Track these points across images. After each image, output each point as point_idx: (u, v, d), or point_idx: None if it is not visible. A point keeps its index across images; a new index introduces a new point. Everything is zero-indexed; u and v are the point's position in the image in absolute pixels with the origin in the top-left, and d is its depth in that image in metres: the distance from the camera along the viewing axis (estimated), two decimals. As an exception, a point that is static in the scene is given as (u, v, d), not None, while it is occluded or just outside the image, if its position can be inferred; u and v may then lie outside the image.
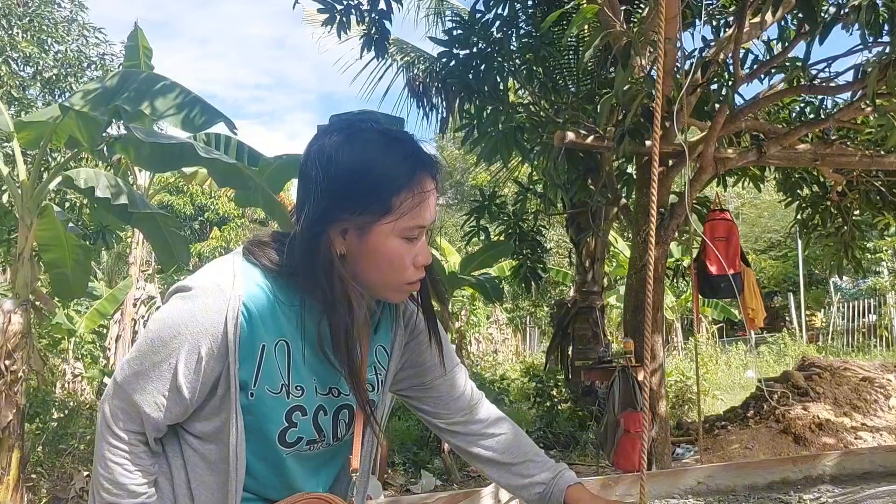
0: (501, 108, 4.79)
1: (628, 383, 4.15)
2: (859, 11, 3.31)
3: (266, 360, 1.02)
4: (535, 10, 4.99)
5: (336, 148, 1.04)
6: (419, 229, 1.04)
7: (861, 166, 4.75)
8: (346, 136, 1.05)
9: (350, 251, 1.03)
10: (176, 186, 16.76)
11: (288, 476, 1.09)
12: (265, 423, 1.04)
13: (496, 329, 17.59)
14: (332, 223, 1.01)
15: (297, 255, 1.02)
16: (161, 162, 5.11)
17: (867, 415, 6.49)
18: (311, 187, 1.03)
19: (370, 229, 1.01)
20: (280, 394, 1.03)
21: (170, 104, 4.09)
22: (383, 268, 1.03)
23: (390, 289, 1.07)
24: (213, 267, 1.06)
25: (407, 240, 1.03)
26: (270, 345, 1.02)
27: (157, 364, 1.01)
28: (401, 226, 1.01)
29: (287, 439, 1.06)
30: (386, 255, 1.02)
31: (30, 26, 10.31)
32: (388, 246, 1.02)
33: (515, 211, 5.80)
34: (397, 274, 1.04)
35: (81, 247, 5.66)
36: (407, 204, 1.01)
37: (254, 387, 1.02)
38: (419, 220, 1.02)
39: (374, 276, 1.04)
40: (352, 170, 1.01)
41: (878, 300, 14.47)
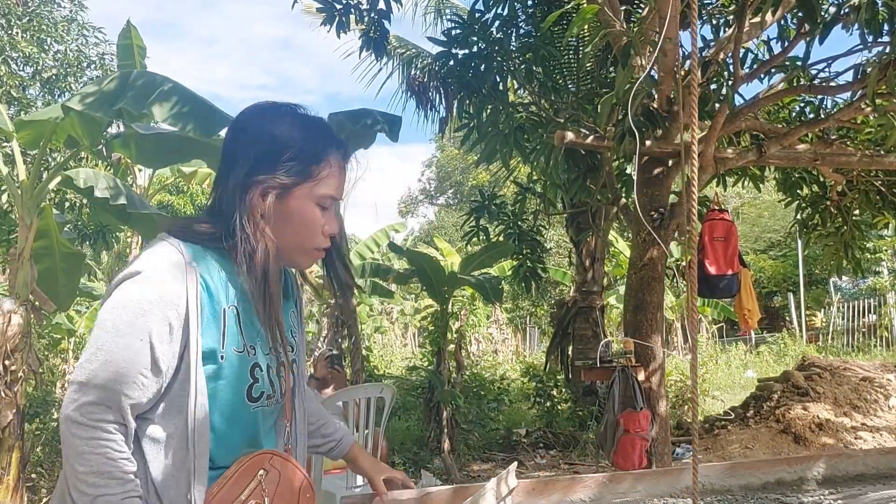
0: (501, 108, 4.79)
1: (628, 383, 4.14)
2: (859, 11, 3.31)
3: (228, 323, 1.11)
4: (535, 9, 4.99)
5: (264, 120, 1.19)
6: (331, 200, 1.18)
7: (861, 166, 4.74)
8: (273, 113, 1.20)
9: (269, 213, 1.13)
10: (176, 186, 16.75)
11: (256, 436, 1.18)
12: (235, 381, 1.11)
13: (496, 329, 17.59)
14: (256, 185, 1.13)
15: (223, 213, 1.13)
16: (160, 157, 5.11)
17: (867, 415, 6.49)
18: (236, 155, 1.16)
19: (290, 192, 1.14)
20: (243, 352, 1.13)
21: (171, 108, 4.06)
22: (298, 229, 1.16)
23: (301, 252, 1.19)
24: (156, 250, 1.11)
25: (321, 207, 1.17)
26: (228, 309, 1.12)
27: (129, 346, 1.02)
28: (317, 192, 1.16)
29: (253, 394, 1.14)
30: (301, 217, 1.15)
31: (29, 26, 10.31)
32: (304, 209, 1.15)
33: (515, 211, 5.80)
34: (309, 237, 1.17)
35: (72, 254, 5.61)
36: (324, 174, 1.16)
37: (223, 349, 1.10)
38: (332, 190, 1.17)
39: (288, 236, 1.16)
40: (279, 138, 1.15)
41: (878, 300, 14.47)
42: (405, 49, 7.65)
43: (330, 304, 7.30)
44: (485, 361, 11.94)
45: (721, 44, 4.26)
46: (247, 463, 1.12)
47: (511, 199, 6.56)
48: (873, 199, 5.21)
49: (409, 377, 9.23)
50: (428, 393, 7.07)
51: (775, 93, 4.54)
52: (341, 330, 6.60)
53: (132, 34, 6.67)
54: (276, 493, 1.13)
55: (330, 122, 5.74)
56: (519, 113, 4.97)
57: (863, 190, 5.21)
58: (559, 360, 7.57)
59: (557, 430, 7.41)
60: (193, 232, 1.14)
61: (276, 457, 1.16)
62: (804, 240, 6.11)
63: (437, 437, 6.84)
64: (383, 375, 10.26)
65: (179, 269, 1.07)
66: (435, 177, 30.94)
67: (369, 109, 5.34)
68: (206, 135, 4.10)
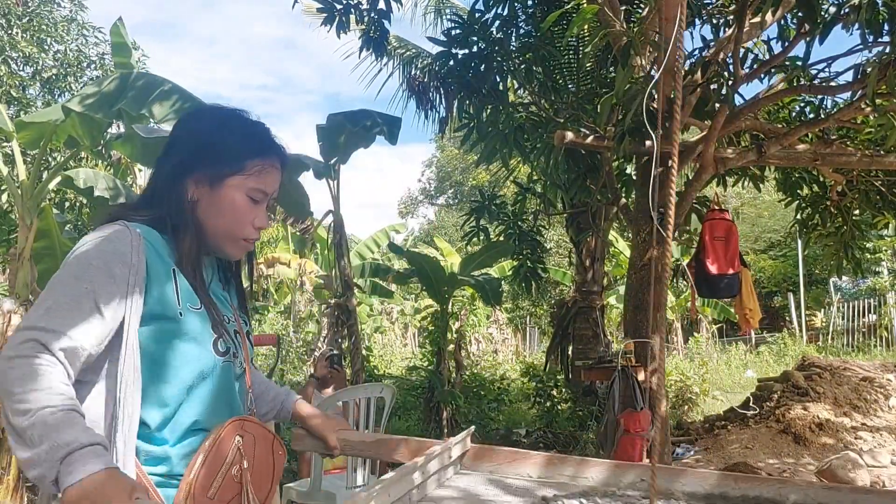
0: (501, 108, 4.79)
1: (628, 383, 4.14)
2: (859, 11, 3.31)
3: (180, 283, 1.16)
4: (535, 9, 4.99)
5: (205, 116, 1.29)
6: (262, 194, 1.24)
7: (861, 166, 4.74)
8: (217, 113, 1.28)
9: (202, 199, 1.21)
10: (176, 186, 16.74)
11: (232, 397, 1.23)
12: (199, 335, 1.16)
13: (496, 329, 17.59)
14: (191, 172, 1.20)
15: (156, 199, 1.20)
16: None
17: (867, 415, 6.49)
18: (176, 145, 1.24)
19: (223, 182, 1.20)
20: (200, 309, 1.18)
21: (170, 109, 4.08)
22: (227, 217, 1.21)
23: (230, 240, 1.24)
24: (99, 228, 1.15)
25: (252, 200, 1.23)
26: (177, 269, 1.17)
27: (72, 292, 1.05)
28: (248, 184, 1.22)
29: (219, 348, 1.20)
30: (231, 206, 1.21)
31: (29, 26, 10.31)
32: (235, 199, 1.21)
33: (515, 211, 5.80)
34: (239, 226, 1.23)
35: None
36: (257, 169, 1.22)
37: (179, 306, 1.14)
38: (263, 185, 1.23)
39: (218, 223, 1.22)
40: (218, 131, 1.23)
41: (878, 300, 14.47)
42: (405, 49, 7.64)
43: (330, 304, 7.30)
44: (485, 361, 11.95)
45: (721, 44, 4.26)
46: (224, 431, 1.17)
47: (511, 199, 6.56)
48: (873, 199, 5.21)
49: (409, 377, 9.23)
50: (428, 393, 7.07)
51: (775, 93, 4.54)
52: (341, 330, 6.60)
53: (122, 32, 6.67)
54: (254, 455, 1.21)
55: (329, 123, 5.76)
56: (519, 113, 4.97)
57: (863, 190, 5.21)
58: (559, 360, 7.56)
59: (557, 430, 7.41)
60: (130, 216, 1.19)
61: (248, 421, 1.22)
62: (804, 240, 6.11)
63: (437, 437, 6.83)
64: (383, 375, 10.26)
65: (124, 235, 1.12)
66: (435, 177, 30.94)
67: (369, 111, 5.34)
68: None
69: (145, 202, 1.23)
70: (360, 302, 11.65)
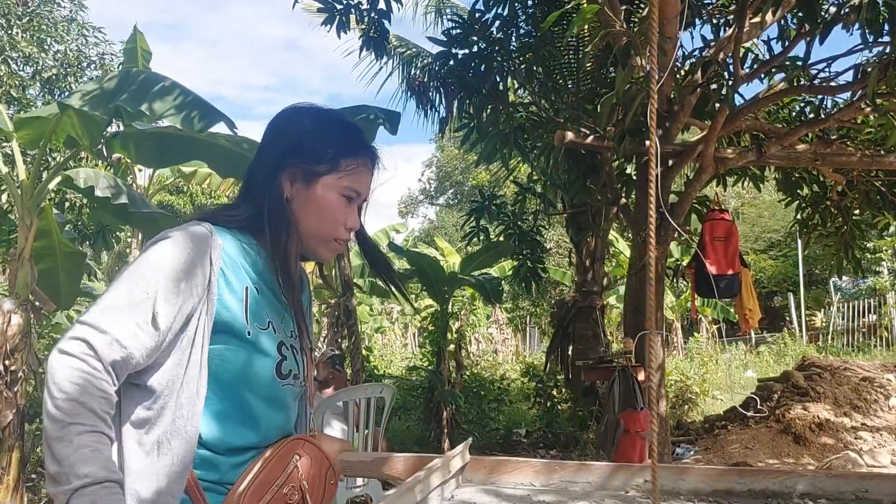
0: (501, 108, 4.79)
1: (628, 383, 4.14)
2: (859, 10, 3.30)
3: (251, 300, 1.14)
4: (535, 9, 4.99)
5: (300, 114, 1.26)
6: (356, 194, 1.22)
7: (861, 166, 4.74)
8: (310, 111, 1.26)
9: (295, 197, 1.19)
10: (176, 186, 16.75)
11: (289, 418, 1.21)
12: (264, 357, 1.13)
13: (496, 329, 17.59)
14: (286, 168, 1.18)
15: (253, 197, 1.19)
16: (160, 157, 5.11)
17: (867, 415, 6.49)
18: (272, 141, 1.22)
19: (317, 179, 1.19)
20: (268, 329, 1.15)
21: (170, 104, 4.08)
22: (321, 217, 1.20)
23: (322, 240, 1.22)
24: (186, 226, 1.13)
25: (346, 199, 1.21)
26: (252, 286, 1.15)
27: (132, 296, 1.03)
28: (342, 184, 1.20)
29: (282, 371, 1.17)
30: (325, 205, 1.19)
31: (29, 26, 10.31)
32: (328, 197, 1.19)
33: (515, 211, 5.79)
34: (331, 226, 1.21)
35: (73, 254, 5.59)
36: (351, 168, 1.20)
37: (248, 325, 1.12)
38: (357, 185, 1.22)
39: (311, 223, 1.20)
40: (313, 129, 1.22)
41: (878, 300, 14.47)
42: (405, 49, 7.64)
43: (330, 304, 7.30)
44: (485, 361, 11.94)
45: (721, 44, 4.26)
46: (283, 448, 1.15)
47: (511, 199, 6.56)
48: (873, 199, 5.21)
49: (409, 377, 9.23)
50: (428, 393, 7.07)
51: (775, 93, 4.54)
52: (341, 330, 6.60)
53: (138, 39, 6.71)
54: (308, 478, 1.18)
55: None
56: (519, 113, 4.97)
57: (863, 190, 5.21)
58: (559, 360, 7.55)
59: (557, 430, 7.41)
60: (221, 216, 1.18)
61: (308, 442, 1.21)
62: (804, 240, 6.11)
63: (437, 437, 6.84)
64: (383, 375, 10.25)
65: (204, 241, 1.10)
66: (435, 177, 30.94)
67: (368, 105, 5.37)
68: (199, 130, 4.10)
69: (242, 199, 1.22)
70: (360, 302, 11.65)
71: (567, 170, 5.26)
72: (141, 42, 6.75)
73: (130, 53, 6.80)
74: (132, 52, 6.76)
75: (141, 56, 6.74)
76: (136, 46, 6.75)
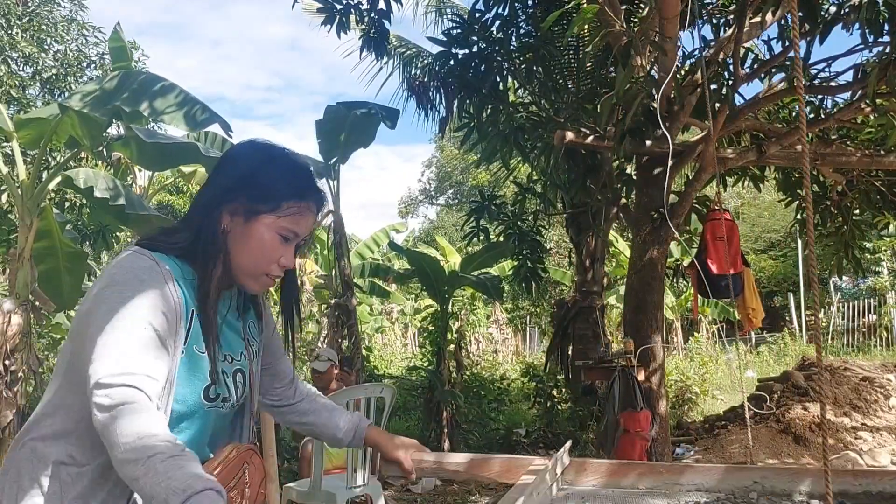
0: (501, 108, 4.78)
1: (628, 383, 4.14)
2: (860, 10, 3.30)
3: (194, 324, 1.18)
4: (535, 9, 4.98)
5: (252, 150, 1.29)
6: (294, 234, 1.24)
7: (861, 166, 4.74)
8: (263, 149, 1.29)
9: (233, 230, 1.22)
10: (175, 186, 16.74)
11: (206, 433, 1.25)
12: (194, 379, 1.18)
13: (496, 329, 17.59)
14: (228, 203, 1.21)
15: (192, 224, 1.22)
16: (161, 160, 5.12)
17: (867, 415, 6.49)
18: (220, 173, 1.26)
19: (256, 217, 1.21)
20: (204, 354, 1.19)
21: (168, 104, 4.09)
22: (254, 253, 1.22)
23: (253, 275, 1.25)
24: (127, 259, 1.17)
25: (282, 238, 1.23)
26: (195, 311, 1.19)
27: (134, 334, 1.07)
28: (280, 224, 1.22)
29: (210, 395, 1.21)
30: (260, 242, 1.22)
31: (29, 26, 10.31)
32: (264, 235, 1.22)
33: (515, 211, 5.79)
34: (264, 262, 1.23)
35: (74, 254, 5.59)
36: (291, 210, 1.23)
37: (184, 345, 1.16)
38: (296, 226, 1.24)
39: (244, 257, 1.22)
40: (261, 166, 1.25)
41: (878, 300, 14.47)
42: (405, 49, 7.64)
43: (330, 304, 7.30)
44: (485, 361, 11.94)
45: (721, 44, 4.26)
46: (236, 456, 1.22)
47: (511, 199, 6.56)
48: (873, 199, 5.21)
49: (409, 377, 9.23)
50: (428, 393, 7.07)
51: (775, 93, 4.54)
52: (341, 330, 6.60)
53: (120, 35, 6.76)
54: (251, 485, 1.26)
55: (328, 116, 5.75)
56: (519, 113, 4.97)
57: (863, 190, 5.20)
58: (559, 360, 7.54)
59: (557, 430, 7.41)
60: (159, 242, 1.21)
61: (255, 454, 1.28)
62: (804, 240, 6.11)
63: (437, 437, 6.84)
64: (383, 375, 10.25)
65: (154, 272, 1.14)
66: (435, 177, 30.93)
67: (367, 101, 5.38)
68: (196, 130, 4.13)
69: (183, 225, 1.25)
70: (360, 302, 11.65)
71: (567, 170, 5.26)
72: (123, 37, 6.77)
73: (118, 52, 6.80)
74: (120, 49, 6.76)
75: (128, 51, 6.76)
76: (123, 45, 6.78)
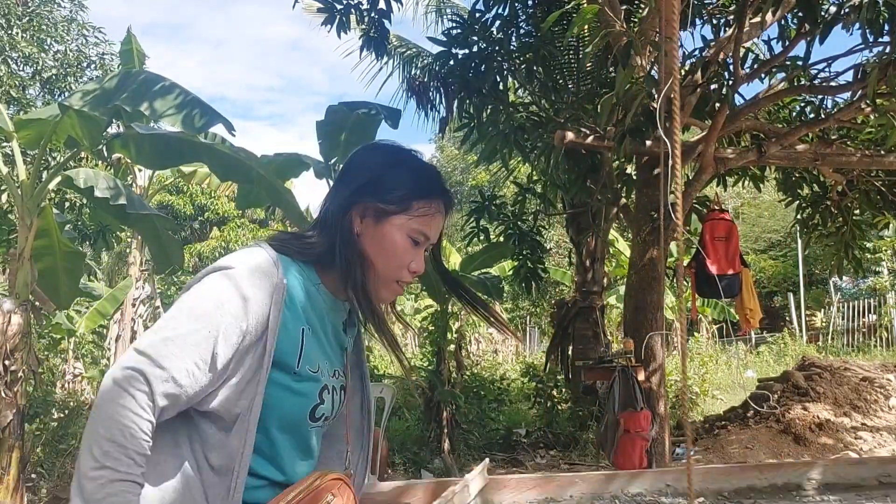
0: (501, 108, 4.78)
1: (628, 383, 4.14)
2: (860, 10, 3.31)
3: (306, 343, 1.13)
4: (535, 9, 4.99)
5: (381, 151, 1.27)
6: (424, 237, 1.20)
7: (861, 166, 4.74)
8: (391, 150, 1.27)
9: (364, 233, 1.18)
10: (176, 186, 16.75)
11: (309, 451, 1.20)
12: (304, 400, 1.14)
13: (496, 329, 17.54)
14: (358, 203, 1.18)
15: (326, 229, 1.18)
16: (161, 158, 5.10)
17: (867, 415, 6.49)
18: (347, 177, 1.22)
19: (386, 218, 1.17)
20: (318, 373, 1.15)
21: (169, 104, 4.08)
22: (387, 255, 1.18)
23: (384, 281, 1.20)
24: (251, 253, 1.13)
25: (413, 242, 1.19)
26: (307, 328, 1.14)
27: (195, 332, 1.02)
28: (411, 225, 1.18)
29: (315, 415, 1.16)
30: (391, 244, 1.18)
31: (29, 26, 10.31)
32: (395, 237, 1.18)
33: (515, 211, 5.79)
34: (395, 267, 1.19)
35: (73, 254, 5.58)
36: (422, 210, 1.19)
37: (297, 367, 1.12)
38: (426, 228, 1.20)
39: (377, 262, 1.18)
40: (390, 168, 1.21)
41: (878, 300, 14.47)
42: (406, 49, 7.64)
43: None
44: (485, 361, 11.94)
45: (721, 44, 4.26)
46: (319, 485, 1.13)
47: (511, 199, 6.56)
48: (874, 199, 5.21)
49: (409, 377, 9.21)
50: (428, 393, 7.07)
51: (775, 93, 4.54)
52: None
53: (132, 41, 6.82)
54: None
55: (328, 116, 5.75)
56: (519, 113, 4.97)
57: (863, 190, 5.20)
58: (559, 360, 7.55)
59: (557, 431, 7.40)
60: (294, 246, 1.18)
61: (344, 484, 1.17)
62: (804, 240, 6.12)
63: (437, 437, 6.84)
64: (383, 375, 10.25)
65: (270, 278, 1.09)
66: (435, 177, 30.88)
67: (369, 101, 5.39)
68: (198, 130, 4.11)
69: (316, 228, 1.21)
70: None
71: (567, 170, 5.26)
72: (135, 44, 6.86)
73: (127, 55, 6.88)
74: (128, 53, 6.83)
75: (136, 58, 6.82)
76: (131, 48, 6.84)
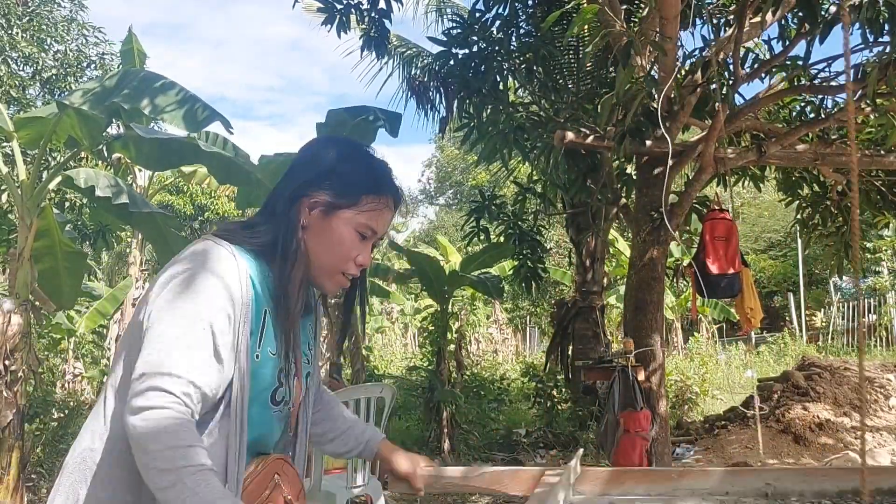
0: (501, 108, 4.78)
1: (628, 383, 4.14)
2: (860, 10, 3.31)
3: (266, 325, 1.15)
4: (536, 9, 4.99)
5: (331, 145, 1.28)
6: (371, 232, 1.22)
7: (861, 166, 4.74)
8: (342, 143, 1.28)
9: (311, 225, 1.19)
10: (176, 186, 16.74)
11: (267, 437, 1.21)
12: (264, 382, 1.15)
13: (496, 329, 17.60)
14: (308, 196, 1.19)
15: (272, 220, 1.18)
16: (161, 160, 5.11)
17: (867, 415, 6.49)
18: (299, 167, 1.24)
19: (335, 212, 1.19)
20: (276, 356, 1.16)
21: (168, 102, 4.09)
22: (332, 249, 1.20)
23: (328, 273, 1.22)
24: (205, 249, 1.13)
25: (359, 235, 1.21)
26: (268, 312, 1.16)
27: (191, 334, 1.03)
28: (358, 220, 1.20)
29: (276, 398, 1.18)
30: (339, 238, 1.20)
31: (29, 26, 10.31)
32: (343, 231, 1.20)
33: (515, 211, 5.79)
34: (340, 260, 1.21)
35: (74, 254, 5.57)
36: (371, 205, 1.21)
37: (258, 349, 1.13)
38: (374, 223, 1.22)
39: (321, 254, 1.20)
40: (342, 162, 1.22)
41: (878, 300, 14.46)
42: (406, 49, 7.64)
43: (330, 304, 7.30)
44: (485, 361, 11.95)
45: (721, 44, 4.26)
46: (268, 465, 1.17)
47: (511, 199, 6.56)
48: (873, 199, 5.20)
49: (409, 377, 9.23)
50: (428, 393, 7.07)
51: (775, 93, 4.54)
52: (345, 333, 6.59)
53: (133, 41, 6.82)
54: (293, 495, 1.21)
55: (329, 120, 5.75)
56: (519, 113, 4.96)
57: (863, 190, 5.20)
58: (559, 360, 7.55)
59: (557, 430, 7.41)
60: (236, 235, 1.18)
61: (287, 464, 1.23)
62: (804, 240, 6.11)
63: (437, 437, 6.84)
64: (383, 375, 10.25)
65: (231, 264, 1.11)
66: (435, 177, 30.94)
67: (369, 106, 5.36)
68: (197, 128, 4.12)
69: (261, 220, 1.22)
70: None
71: (567, 170, 5.25)
72: (136, 44, 6.86)
73: (128, 55, 6.88)
74: (129, 53, 6.84)
75: (137, 58, 6.83)
76: (132, 48, 6.84)
